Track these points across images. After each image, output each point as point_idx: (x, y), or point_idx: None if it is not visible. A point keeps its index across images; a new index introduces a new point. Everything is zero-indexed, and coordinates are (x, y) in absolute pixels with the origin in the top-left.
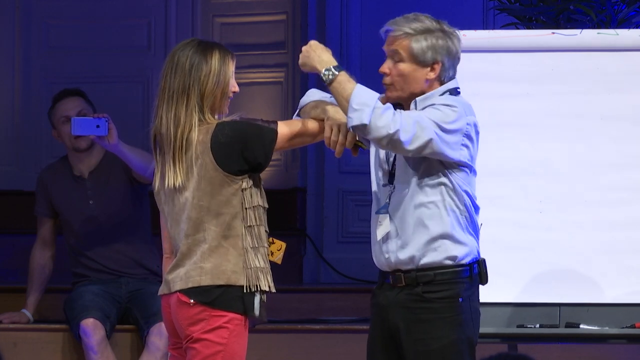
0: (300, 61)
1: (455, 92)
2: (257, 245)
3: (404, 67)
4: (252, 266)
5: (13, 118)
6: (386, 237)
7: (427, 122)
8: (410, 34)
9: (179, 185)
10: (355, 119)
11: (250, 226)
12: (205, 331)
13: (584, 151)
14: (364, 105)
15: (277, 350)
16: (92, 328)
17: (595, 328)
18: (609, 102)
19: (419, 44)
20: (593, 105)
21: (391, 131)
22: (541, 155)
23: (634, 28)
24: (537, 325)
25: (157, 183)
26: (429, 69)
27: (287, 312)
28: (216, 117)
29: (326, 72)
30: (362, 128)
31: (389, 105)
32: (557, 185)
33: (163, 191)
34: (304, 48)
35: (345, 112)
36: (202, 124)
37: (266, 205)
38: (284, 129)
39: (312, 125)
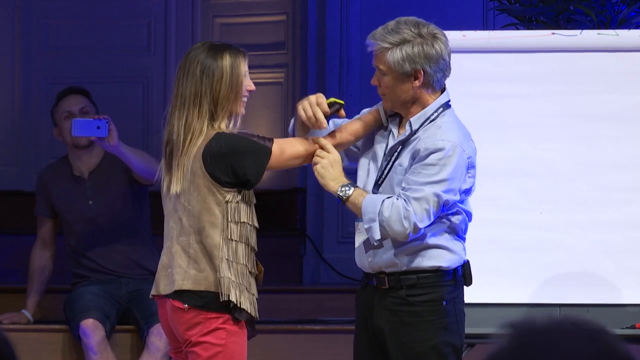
0: (315, 172)
1: (447, 106)
2: (231, 260)
3: (388, 80)
4: (224, 275)
5: (13, 118)
6: (369, 240)
7: (431, 195)
8: (386, 48)
9: (177, 192)
10: (371, 239)
11: (229, 239)
12: (203, 334)
13: (584, 151)
14: (371, 221)
15: (277, 350)
16: (92, 328)
17: None
18: (609, 102)
19: (395, 57)
20: (593, 105)
21: (409, 230)
22: (541, 155)
23: (634, 29)
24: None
25: (164, 188)
26: (412, 78)
27: (287, 312)
28: (232, 120)
29: (342, 190)
30: (383, 240)
31: (393, 203)
32: (557, 186)
33: (169, 195)
34: (318, 164)
35: None
36: (209, 131)
37: (256, 225)
38: (279, 149)
39: (308, 146)
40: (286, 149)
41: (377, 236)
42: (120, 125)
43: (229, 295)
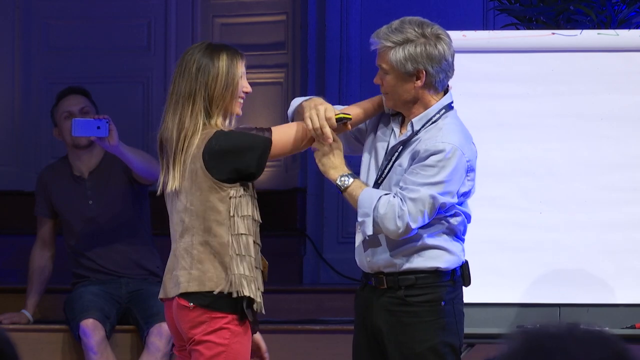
0: (316, 160)
1: (449, 107)
2: (242, 254)
3: (390, 79)
4: (236, 272)
5: (13, 118)
6: (369, 240)
7: (427, 197)
8: (389, 47)
9: (176, 188)
10: (362, 233)
11: (237, 234)
12: (207, 333)
13: (584, 151)
14: (365, 215)
15: (277, 350)
16: (92, 328)
17: None
18: (609, 102)
19: (397, 57)
20: (593, 105)
21: (401, 229)
22: (541, 155)
23: (634, 28)
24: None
25: (161, 187)
26: (414, 78)
27: (287, 312)
28: (227, 120)
29: (341, 179)
30: (375, 235)
31: (389, 201)
32: (557, 186)
33: (167, 194)
34: (319, 151)
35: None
36: (205, 128)
37: (259, 219)
38: (278, 136)
39: (308, 131)
40: (286, 136)
41: (369, 231)
42: (120, 125)
43: (242, 292)
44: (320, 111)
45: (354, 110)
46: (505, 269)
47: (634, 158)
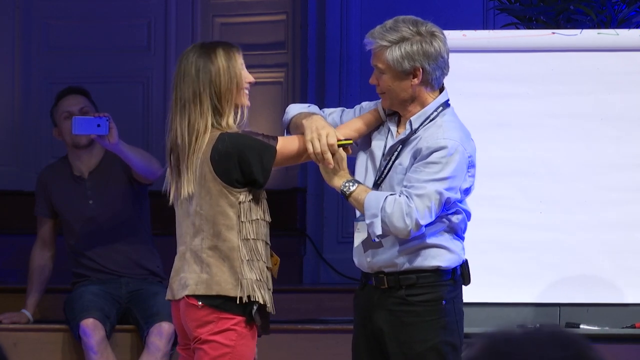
0: (320, 168)
1: (446, 105)
2: (252, 259)
3: (387, 79)
4: (247, 277)
5: (13, 118)
6: (368, 240)
7: (434, 192)
8: (385, 46)
9: (190, 192)
10: (372, 234)
11: (246, 239)
12: (214, 333)
13: (584, 151)
14: (373, 216)
15: (277, 350)
16: (92, 328)
17: (595, 328)
18: (609, 102)
19: (394, 55)
20: (593, 105)
21: (410, 227)
22: (541, 155)
23: (634, 28)
24: (537, 326)
25: (172, 194)
26: (411, 76)
27: (287, 312)
28: (239, 113)
29: (345, 185)
30: (384, 236)
31: (395, 199)
32: (557, 186)
33: (179, 200)
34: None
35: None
36: (213, 129)
37: (268, 219)
38: (284, 146)
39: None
40: (291, 147)
41: (379, 231)
42: (121, 125)
43: (254, 297)
44: (323, 137)
45: (356, 125)
46: (505, 269)
47: (634, 158)
